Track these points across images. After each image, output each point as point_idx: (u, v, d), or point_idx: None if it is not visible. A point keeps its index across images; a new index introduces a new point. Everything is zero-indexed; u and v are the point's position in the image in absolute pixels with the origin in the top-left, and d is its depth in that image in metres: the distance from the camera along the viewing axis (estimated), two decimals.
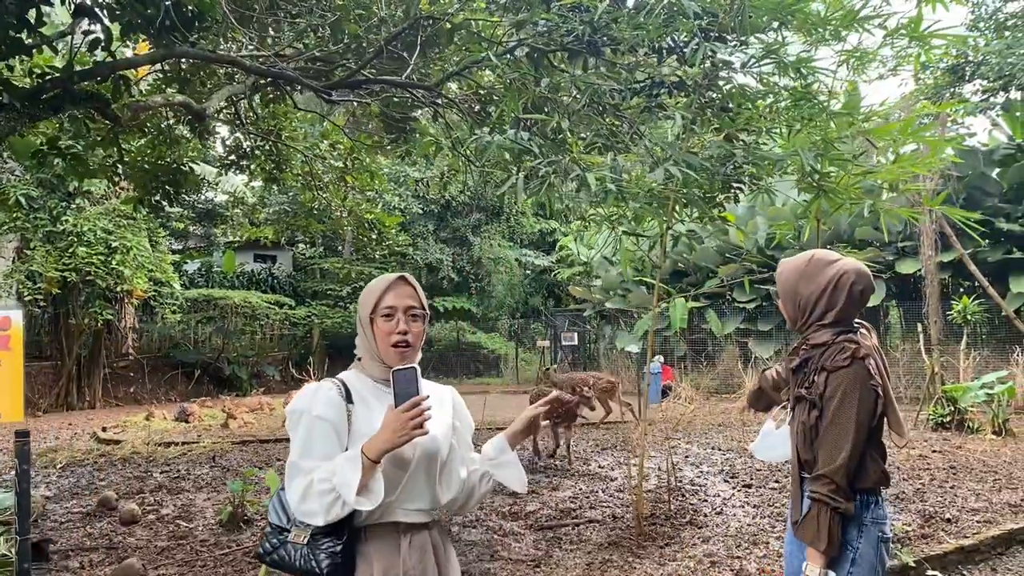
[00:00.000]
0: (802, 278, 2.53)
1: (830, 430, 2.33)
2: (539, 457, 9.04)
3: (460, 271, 27.41)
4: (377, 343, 2.14)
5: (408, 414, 1.93)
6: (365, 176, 12.00)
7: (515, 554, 5.24)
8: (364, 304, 2.19)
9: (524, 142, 5.44)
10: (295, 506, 1.97)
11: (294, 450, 2.02)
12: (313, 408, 2.04)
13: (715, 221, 7.13)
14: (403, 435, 1.92)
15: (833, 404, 2.33)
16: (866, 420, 2.31)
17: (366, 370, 2.18)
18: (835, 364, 2.35)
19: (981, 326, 16.77)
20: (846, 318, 2.46)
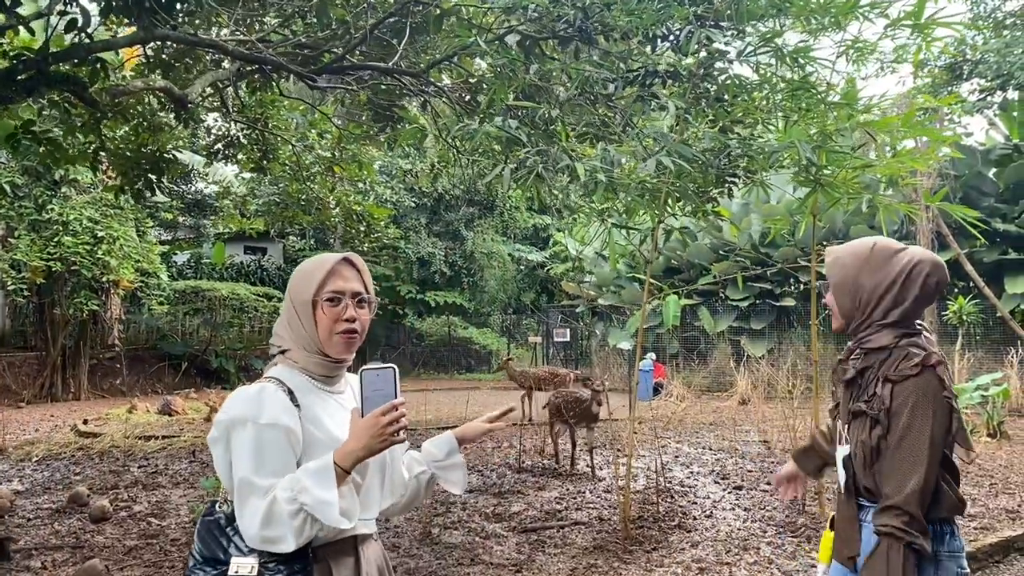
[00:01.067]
0: (866, 267, 2.13)
1: (899, 452, 1.99)
2: (557, 462, 8.39)
3: (452, 265, 27.20)
4: (319, 332, 1.86)
5: (386, 418, 1.71)
6: (353, 167, 11.78)
7: (496, 558, 5.05)
8: (302, 287, 1.88)
9: (512, 130, 5.25)
10: (254, 532, 1.66)
11: (242, 466, 1.69)
12: (261, 414, 1.72)
13: (709, 216, 6.96)
14: (383, 441, 1.71)
15: (902, 421, 1.98)
16: (940, 439, 1.98)
17: (299, 364, 1.86)
18: (902, 373, 2.01)
19: (976, 327, 16.65)
20: (911, 317, 2.12)
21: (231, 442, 1.73)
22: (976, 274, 13.06)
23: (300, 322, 1.86)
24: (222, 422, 1.75)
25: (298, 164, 12.08)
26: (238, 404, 1.75)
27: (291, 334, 1.87)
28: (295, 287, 1.89)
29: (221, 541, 1.77)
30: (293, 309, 1.87)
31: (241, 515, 1.67)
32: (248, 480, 1.68)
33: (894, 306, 2.10)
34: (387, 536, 5.56)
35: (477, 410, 13.26)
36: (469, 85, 8.24)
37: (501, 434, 10.79)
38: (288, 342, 1.87)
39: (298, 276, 1.91)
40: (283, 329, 1.88)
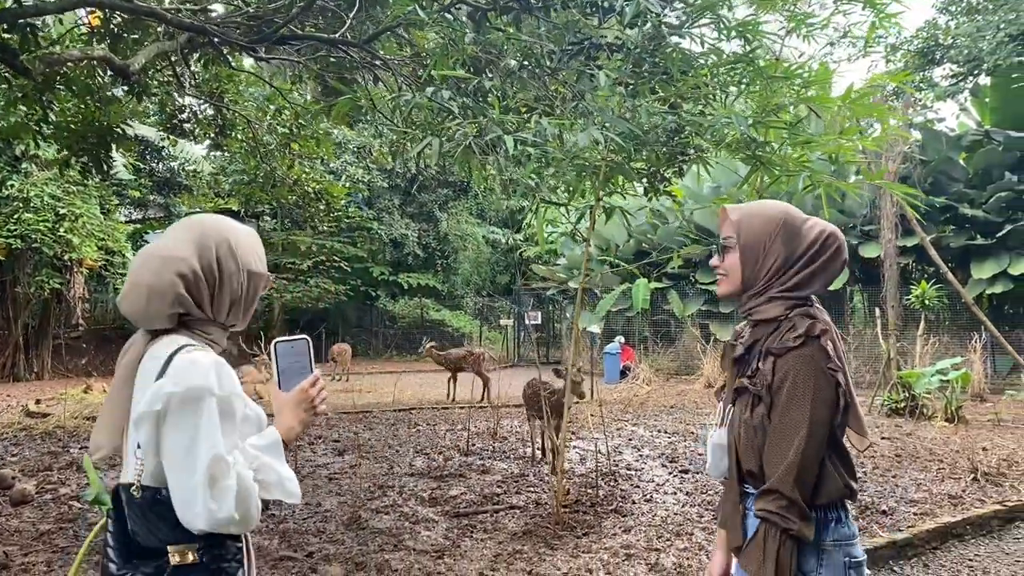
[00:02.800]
0: (781, 234, 1.95)
1: (778, 430, 1.82)
2: (543, 458, 7.58)
3: (426, 247, 26.97)
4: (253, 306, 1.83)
5: (315, 390, 1.77)
6: (311, 143, 11.51)
7: (421, 543, 4.90)
8: (257, 257, 1.81)
9: (444, 101, 5.05)
10: (225, 514, 1.52)
11: (209, 442, 1.53)
12: (221, 385, 1.60)
13: (661, 195, 6.80)
14: (309, 416, 1.77)
15: (782, 396, 1.81)
16: (824, 415, 1.79)
17: (209, 337, 1.73)
18: (784, 345, 1.84)
19: (942, 312, 16.66)
20: (809, 290, 1.95)
21: (182, 417, 1.55)
22: (940, 259, 13.01)
23: (246, 293, 1.78)
24: (174, 394, 1.56)
25: (255, 140, 11.80)
26: (194, 375, 1.58)
27: (221, 304, 1.74)
28: (251, 255, 1.79)
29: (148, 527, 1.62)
30: (245, 277, 1.76)
31: (211, 496, 1.51)
32: (220, 458, 1.54)
33: (799, 278, 1.93)
34: (314, 520, 5.40)
35: (444, 391, 13.10)
36: (419, 58, 8.01)
37: (455, 416, 10.65)
38: (203, 311, 1.72)
39: (251, 243, 1.81)
40: (206, 296, 1.71)
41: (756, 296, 1.97)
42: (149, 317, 1.69)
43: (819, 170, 5.21)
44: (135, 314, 1.70)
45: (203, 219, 1.79)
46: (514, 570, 4.43)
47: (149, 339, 1.72)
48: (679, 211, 13.79)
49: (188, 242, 1.72)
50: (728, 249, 2.03)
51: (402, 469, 7.11)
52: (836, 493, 1.85)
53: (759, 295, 1.96)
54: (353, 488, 6.30)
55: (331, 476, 6.83)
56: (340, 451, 8.02)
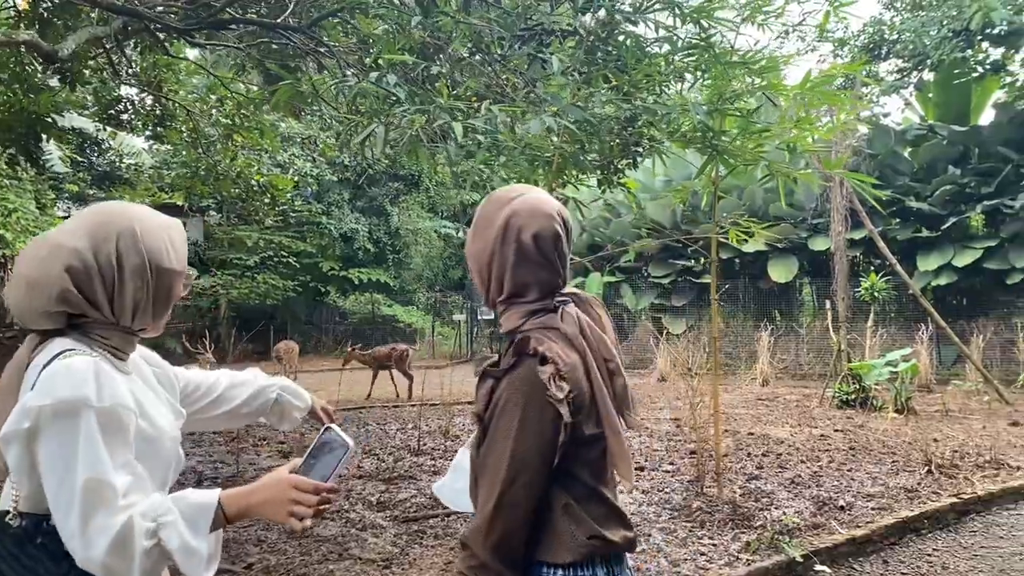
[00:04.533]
0: (477, 227, 1.61)
1: (479, 469, 1.48)
2: None
3: (377, 242, 26.53)
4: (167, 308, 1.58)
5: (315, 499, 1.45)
6: (255, 134, 11.14)
7: (368, 551, 4.67)
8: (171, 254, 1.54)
9: (390, 87, 4.81)
10: (97, 554, 1.28)
11: (85, 463, 1.30)
12: (101, 396, 1.35)
13: (615, 186, 6.65)
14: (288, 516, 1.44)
15: (491, 429, 1.46)
16: (532, 454, 1.41)
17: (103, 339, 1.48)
18: (502, 366, 1.50)
19: (889, 304, 16.89)
20: (531, 286, 1.55)
21: (56, 435, 1.33)
22: (889, 251, 13.14)
23: (150, 290, 1.51)
24: (44, 408, 1.32)
25: (196, 132, 11.37)
26: (66, 384, 1.35)
27: (122, 304, 1.49)
28: (162, 248, 1.53)
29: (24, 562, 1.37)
30: (148, 273, 1.50)
31: (83, 529, 1.29)
32: (99, 482, 1.31)
33: (501, 278, 1.56)
34: (254, 529, 5.12)
35: (397, 388, 12.84)
36: (366, 47, 7.73)
37: (406, 414, 10.41)
38: (96, 311, 1.47)
39: (165, 235, 1.55)
40: (101, 295, 1.46)
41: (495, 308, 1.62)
42: (32, 315, 1.46)
43: (775, 160, 5.11)
44: (18, 311, 1.47)
45: (107, 206, 1.55)
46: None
47: (37, 343, 1.47)
48: (633, 203, 13.63)
49: (83, 231, 1.47)
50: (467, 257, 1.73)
51: (350, 471, 6.85)
52: (581, 549, 1.46)
53: (495, 306, 1.62)
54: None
55: None
56: (285, 453, 7.72)
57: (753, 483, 6.29)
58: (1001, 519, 5.62)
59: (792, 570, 4.52)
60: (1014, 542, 5.11)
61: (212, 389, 1.86)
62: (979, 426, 9.14)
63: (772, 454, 7.46)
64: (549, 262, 1.55)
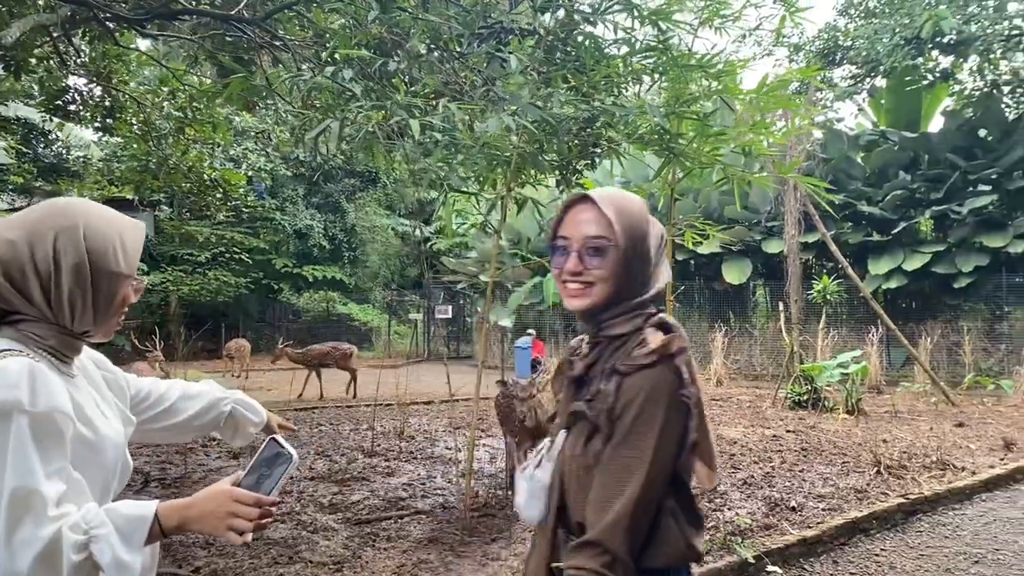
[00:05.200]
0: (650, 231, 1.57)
1: (610, 466, 1.41)
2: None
3: (333, 239, 26.24)
4: (111, 311, 1.48)
5: (254, 511, 1.39)
6: (207, 128, 10.90)
7: (319, 555, 4.58)
8: (114, 255, 1.44)
9: (345, 82, 4.72)
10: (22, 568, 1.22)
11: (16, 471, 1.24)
12: (36, 400, 1.28)
13: (574, 187, 6.63)
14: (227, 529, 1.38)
15: (624, 424, 1.41)
16: (668, 455, 1.41)
17: (45, 343, 1.41)
18: (633, 362, 1.45)
19: (841, 306, 17.21)
20: (653, 295, 1.58)
21: None
22: (841, 255, 13.37)
23: (89, 291, 1.42)
24: None
25: (146, 124, 11.09)
26: None
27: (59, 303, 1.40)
28: (107, 250, 1.44)
29: None
30: (88, 273, 1.41)
31: (8, 539, 1.22)
32: (28, 491, 1.23)
33: (652, 277, 1.58)
34: None
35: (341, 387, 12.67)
36: (322, 41, 7.61)
37: (360, 414, 10.29)
38: (32, 308, 1.39)
39: (110, 239, 1.45)
40: (35, 291, 1.38)
41: (613, 308, 1.55)
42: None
43: (731, 164, 5.13)
44: None
45: (59, 202, 1.47)
46: None
47: None
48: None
49: (24, 224, 1.40)
50: (602, 251, 1.53)
51: (301, 473, 6.73)
52: (676, 555, 1.46)
53: (619, 307, 1.55)
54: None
55: None
56: (235, 454, 7.57)
57: None
58: (947, 519, 5.73)
59: (744, 571, 4.54)
60: (959, 542, 5.21)
61: (163, 399, 1.77)
62: (926, 427, 9.33)
63: (725, 455, 7.52)
64: None
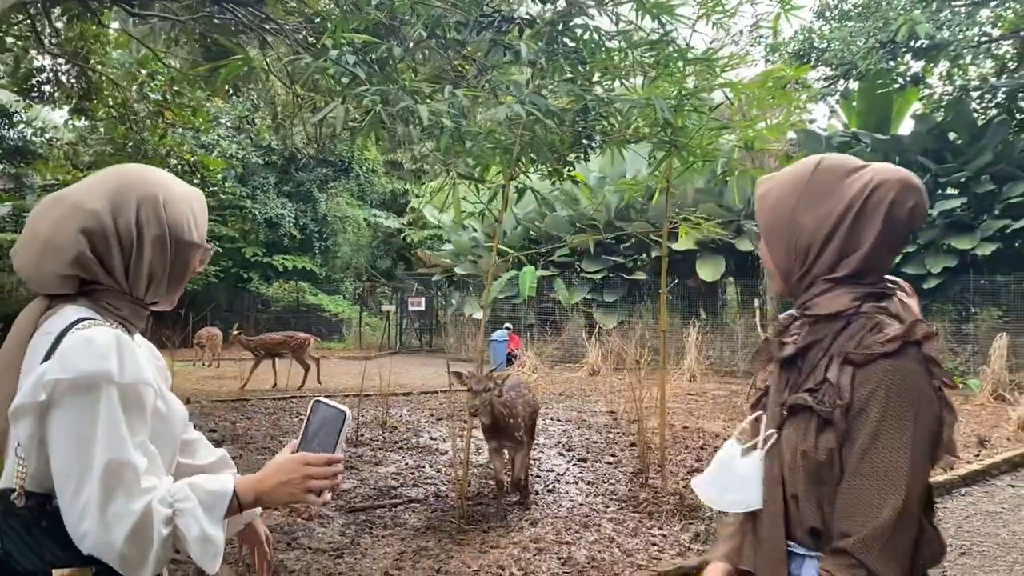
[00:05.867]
0: (805, 197, 1.41)
1: (864, 472, 1.26)
2: (505, 494, 5.52)
3: (304, 228, 25.96)
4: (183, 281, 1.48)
5: (322, 471, 1.37)
6: (186, 112, 10.74)
7: (317, 541, 4.55)
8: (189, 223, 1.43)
9: (349, 66, 4.68)
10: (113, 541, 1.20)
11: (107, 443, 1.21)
12: (124, 371, 1.25)
13: (564, 180, 6.65)
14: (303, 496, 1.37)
15: (869, 423, 1.26)
16: (925, 451, 1.27)
17: (120, 314, 1.37)
18: (868, 351, 1.30)
19: None
20: (876, 268, 1.40)
21: (72, 411, 1.22)
22: None
23: (168, 262, 1.41)
24: (62, 381, 1.22)
25: (124, 107, 10.89)
26: (88, 357, 1.23)
27: (138, 274, 1.38)
28: (184, 219, 1.42)
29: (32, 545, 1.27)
30: (168, 244, 1.39)
31: (101, 511, 1.20)
32: (121, 463, 1.22)
33: (845, 253, 1.39)
34: None
35: (324, 379, 12.59)
36: (312, 24, 7.52)
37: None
38: (114, 280, 1.37)
39: (187, 206, 1.44)
40: (117, 262, 1.35)
41: (803, 287, 1.44)
42: (42, 278, 1.34)
43: (731, 157, 5.19)
44: (26, 272, 1.35)
45: (129, 169, 1.44)
46: (421, 568, 4.16)
47: (44, 308, 1.36)
48: (587, 195, 13.60)
49: (103, 193, 1.36)
50: (758, 237, 1.53)
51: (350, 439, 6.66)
52: (931, 560, 1.35)
53: (806, 285, 1.44)
54: None
55: None
56: (218, 442, 7.47)
57: (695, 475, 6.37)
58: None
59: None
60: (943, 534, 5.32)
61: (189, 429, 1.63)
62: None
63: (709, 447, 7.60)
64: (905, 240, 1.44)
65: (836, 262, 1.40)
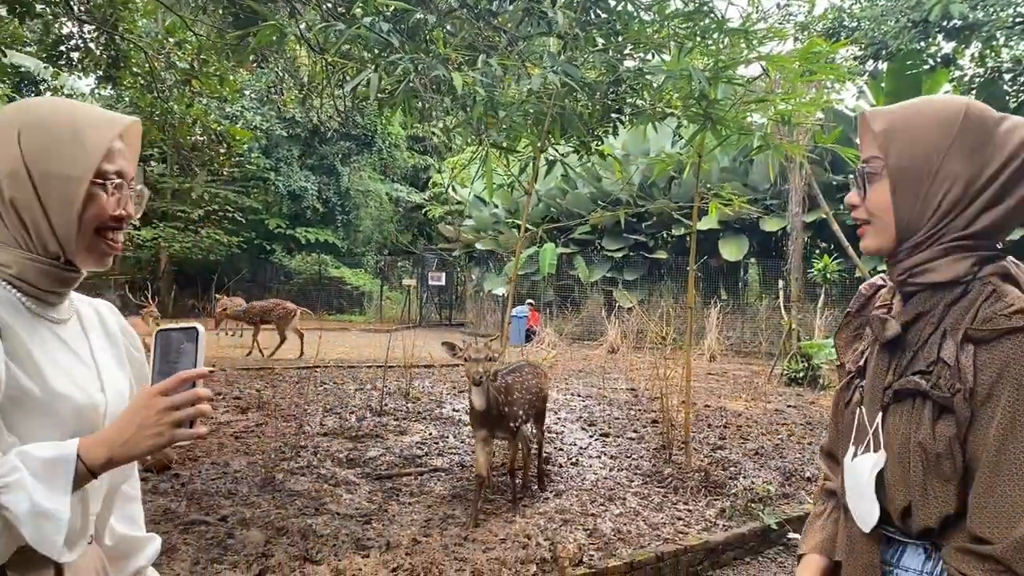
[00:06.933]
0: (959, 142, 1.20)
1: (1003, 465, 1.11)
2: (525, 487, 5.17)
3: (326, 202, 26.04)
4: (79, 225, 1.21)
5: (169, 401, 1.15)
6: (214, 81, 10.73)
7: (344, 507, 4.59)
8: (66, 152, 1.19)
9: (384, 33, 4.65)
10: None
11: None
12: None
13: (592, 154, 6.60)
14: (158, 436, 1.14)
15: (1003, 411, 1.11)
16: None
17: (8, 270, 1.20)
18: (993, 325, 1.14)
19: (833, 286, 17.32)
20: (1005, 226, 1.23)
21: None
22: (842, 234, 13.42)
23: (42, 204, 1.18)
24: None
25: (152, 75, 10.91)
26: None
27: (9, 217, 1.19)
28: (45, 145, 1.19)
29: None
30: (30, 181, 1.18)
31: None
32: None
33: (996, 214, 1.20)
34: (223, 481, 4.99)
35: (345, 351, 12.66)
36: None
37: (365, 375, 10.29)
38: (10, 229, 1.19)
39: (45, 132, 1.19)
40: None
41: (920, 247, 1.23)
42: None
43: (766, 131, 5.12)
44: None
45: (12, 104, 1.27)
46: (449, 535, 4.18)
47: None
48: (618, 170, 13.39)
49: None
50: (873, 177, 1.28)
51: (313, 429, 6.73)
52: None
53: (927, 245, 1.23)
54: (263, 448, 5.90)
55: (236, 435, 6.38)
56: (243, 409, 7.54)
57: (719, 453, 6.38)
58: None
59: (767, 537, 4.61)
60: None
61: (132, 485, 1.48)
62: None
63: (732, 426, 7.58)
64: None
65: (974, 219, 1.21)
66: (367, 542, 4.03)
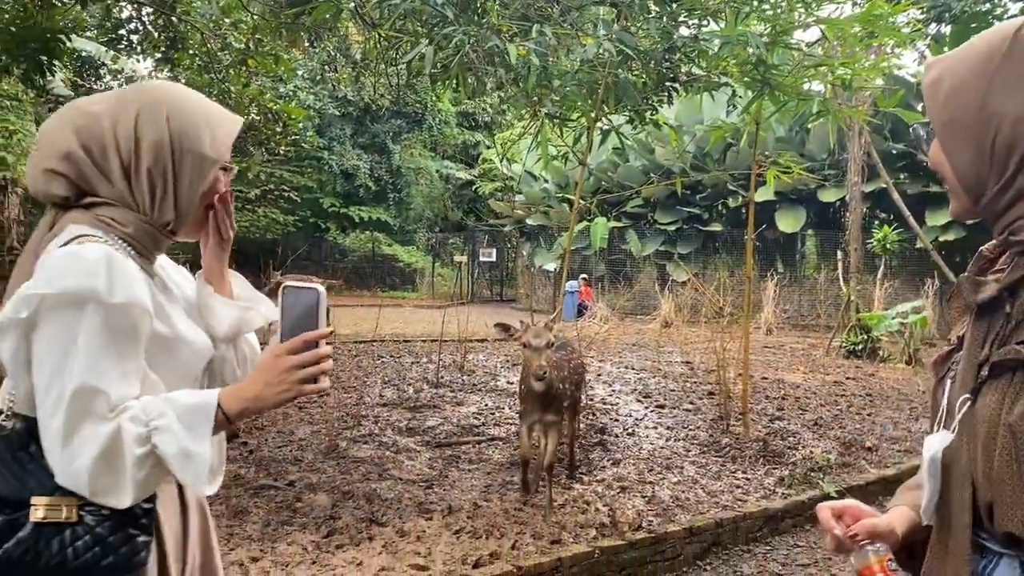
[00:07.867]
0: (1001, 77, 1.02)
1: None
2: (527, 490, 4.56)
3: (378, 180, 26.26)
4: (201, 199, 1.34)
5: (297, 359, 1.22)
6: (269, 60, 10.89)
7: (406, 473, 4.70)
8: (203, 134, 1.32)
9: (437, 5, 4.68)
10: (81, 469, 1.12)
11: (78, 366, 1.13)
12: (112, 290, 1.16)
13: (647, 124, 6.55)
14: (286, 391, 1.23)
15: None
16: None
17: (121, 227, 1.28)
18: None
19: (893, 257, 16.94)
20: None
21: (53, 329, 1.15)
22: (903, 204, 13.11)
23: (171, 173, 1.30)
24: (45, 298, 1.14)
25: (208, 55, 11.11)
26: (73, 273, 1.15)
27: (139, 184, 1.28)
28: (197, 129, 1.31)
29: (14, 470, 1.20)
30: (170, 152, 1.29)
31: (66, 440, 1.12)
32: (93, 390, 1.13)
33: None
34: (289, 449, 5.15)
35: (400, 326, 12.85)
36: None
37: (420, 348, 10.43)
38: (111, 189, 1.28)
39: (191, 116, 1.32)
40: (114, 167, 1.27)
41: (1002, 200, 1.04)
42: (36, 177, 1.29)
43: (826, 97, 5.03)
44: (28, 175, 1.31)
45: (146, 83, 1.42)
46: (508, 500, 4.27)
47: (50, 225, 1.29)
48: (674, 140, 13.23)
49: (109, 99, 1.33)
50: (932, 135, 1.14)
51: (373, 399, 6.87)
52: None
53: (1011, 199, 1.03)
54: (325, 417, 6.05)
55: (299, 405, 6.55)
56: None
57: (777, 423, 6.35)
58: None
59: None
60: None
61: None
62: None
63: (790, 397, 7.52)
64: None
65: None
66: (430, 506, 4.13)
